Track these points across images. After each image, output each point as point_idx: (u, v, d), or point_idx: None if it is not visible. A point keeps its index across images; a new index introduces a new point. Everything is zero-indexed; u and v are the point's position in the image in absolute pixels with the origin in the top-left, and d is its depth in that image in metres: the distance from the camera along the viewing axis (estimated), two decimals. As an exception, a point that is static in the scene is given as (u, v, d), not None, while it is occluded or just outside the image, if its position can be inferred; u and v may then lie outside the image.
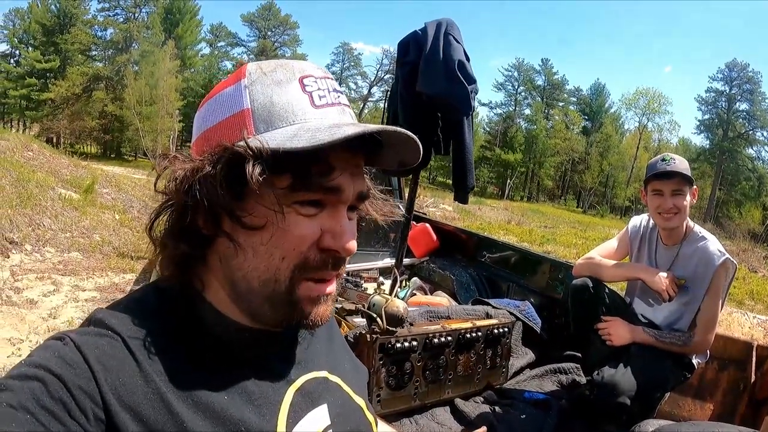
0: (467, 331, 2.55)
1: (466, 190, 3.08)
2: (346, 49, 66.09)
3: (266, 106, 0.68)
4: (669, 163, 2.38)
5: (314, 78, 0.71)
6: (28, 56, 46.40)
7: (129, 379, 0.62)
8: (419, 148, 0.73)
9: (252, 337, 0.74)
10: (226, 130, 0.69)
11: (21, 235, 6.88)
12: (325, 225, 0.69)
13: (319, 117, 0.69)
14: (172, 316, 0.71)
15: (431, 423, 2.40)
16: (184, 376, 0.67)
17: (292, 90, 0.69)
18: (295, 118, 0.67)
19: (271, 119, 0.67)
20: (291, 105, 0.68)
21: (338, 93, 0.73)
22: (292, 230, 0.67)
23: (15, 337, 4.32)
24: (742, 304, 8.67)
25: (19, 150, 11.37)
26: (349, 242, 0.71)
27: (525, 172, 61.65)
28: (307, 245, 0.68)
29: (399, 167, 0.79)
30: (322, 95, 0.70)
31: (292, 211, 0.67)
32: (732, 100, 56.44)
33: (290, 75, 0.71)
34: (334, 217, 0.70)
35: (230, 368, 0.72)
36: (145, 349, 0.66)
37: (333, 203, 0.70)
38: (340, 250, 0.70)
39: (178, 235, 0.70)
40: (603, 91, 64.13)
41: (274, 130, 0.66)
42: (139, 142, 40.97)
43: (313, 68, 0.73)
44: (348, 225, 0.71)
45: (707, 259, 2.37)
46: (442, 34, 2.73)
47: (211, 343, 0.71)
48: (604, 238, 15.10)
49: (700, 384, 2.84)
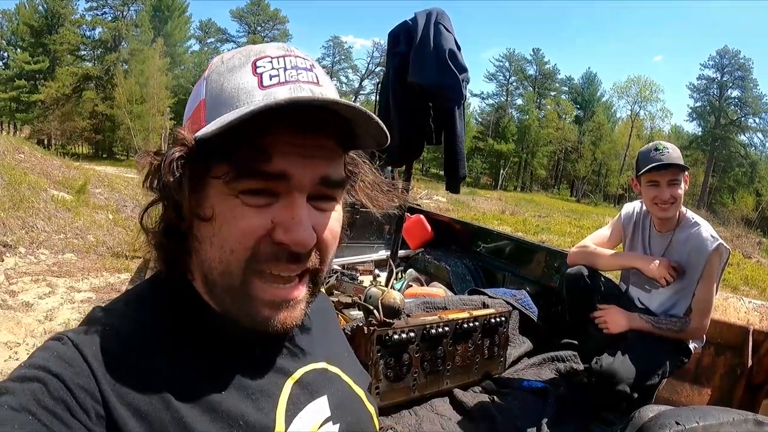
0: (464, 321, 2.54)
1: (458, 179, 3.08)
2: (337, 43, 66.16)
3: (216, 95, 0.68)
4: (663, 153, 2.37)
5: (270, 58, 0.68)
6: (17, 58, 45.95)
7: (128, 376, 0.62)
8: (371, 117, 0.66)
9: (244, 330, 0.73)
10: (191, 123, 0.69)
11: (14, 238, 6.85)
12: (276, 216, 0.65)
13: (264, 97, 0.64)
14: (168, 311, 0.71)
15: (430, 414, 2.40)
16: (182, 371, 0.67)
17: (243, 74, 0.67)
18: (238, 103, 0.65)
19: (219, 107, 0.66)
20: (237, 90, 0.66)
21: (299, 70, 0.68)
22: (237, 222, 0.65)
23: (12, 341, 4.30)
24: (737, 290, 8.73)
25: (10, 152, 11.31)
26: (302, 234, 0.65)
27: (518, 162, 61.61)
28: (254, 239, 0.65)
29: (377, 146, 0.75)
30: (273, 75, 0.66)
31: (238, 201, 0.64)
32: (723, 87, 56.44)
33: (245, 59, 0.69)
34: (287, 207, 0.66)
35: (227, 362, 0.72)
36: (143, 345, 0.66)
37: (285, 191, 0.66)
38: (290, 244, 0.65)
39: (162, 229, 0.71)
40: (594, 80, 64.16)
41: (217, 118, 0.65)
42: (130, 141, 40.80)
43: (273, 48, 0.70)
44: (303, 215, 0.66)
45: (700, 245, 2.38)
46: (432, 23, 2.72)
47: (207, 338, 0.71)
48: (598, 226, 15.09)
49: (697, 369, 2.85)
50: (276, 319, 0.69)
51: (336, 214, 0.73)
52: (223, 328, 0.72)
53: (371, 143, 0.74)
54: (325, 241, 0.71)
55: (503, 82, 64.70)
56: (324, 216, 0.71)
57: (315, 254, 0.70)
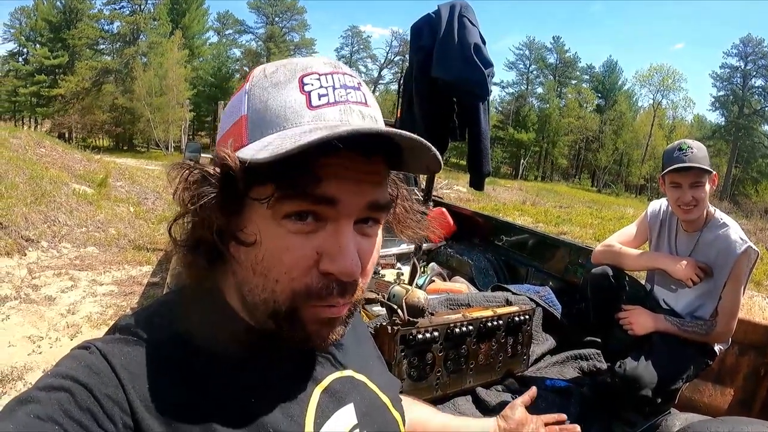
0: (488, 319, 2.52)
1: (482, 176, 3.02)
2: (355, 33, 66.06)
3: (260, 112, 0.64)
4: (686, 153, 2.30)
5: (317, 75, 0.65)
6: (36, 53, 46.60)
7: (156, 386, 0.62)
8: (429, 149, 0.63)
9: (271, 339, 0.71)
10: (232, 140, 0.65)
11: (37, 232, 6.94)
12: (322, 245, 0.62)
13: (314, 119, 0.62)
14: (197, 321, 0.69)
15: (453, 413, 2.38)
16: (211, 382, 0.66)
17: (290, 91, 0.64)
18: (286, 123, 0.62)
19: (264, 125, 0.63)
20: (284, 108, 0.63)
21: (348, 89, 0.65)
22: (282, 250, 0.62)
23: (35, 334, 4.36)
24: (761, 285, 8.55)
25: (31, 147, 11.46)
26: (349, 264, 0.62)
27: (539, 151, 61.25)
28: (301, 270, 0.63)
29: (426, 173, 0.72)
30: (322, 93, 0.63)
31: (282, 229, 0.62)
32: (747, 76, 55.41)
33: (290, 75, 0.65)
34: (333, 234, 0.63)
35: (255, 371, 0.71)
36: (171, 355, 0.66)
37: (333, 217, 0.63)
38: (338, 275, 0.63)
39: (193, 246, 0.69)
40: (616, 69, 63.28)
41: (263, 138, 0.62)
42: (150, 134, 41.40)
43: (320, 63, 0.67)
44: (350, 243, 0.63)
45: (728, 247, 2.31)
46: (456, 16, 2.67)
47: (236, 348, 0.70)
48: (620, 217, 15.04)
49: (720, 369, 2.80)
50: (320, 336, 0.68)
51: (377, 240, 0.71)
52: (252, 338, 0.71)
53: (421, 170, 0.72)
54: (366, 269, 0.69)
55: (523, 70, 64.29)
56: (368, 242, 0.68)
57: (359, 283, 0.68)
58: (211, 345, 0.68)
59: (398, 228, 0.81)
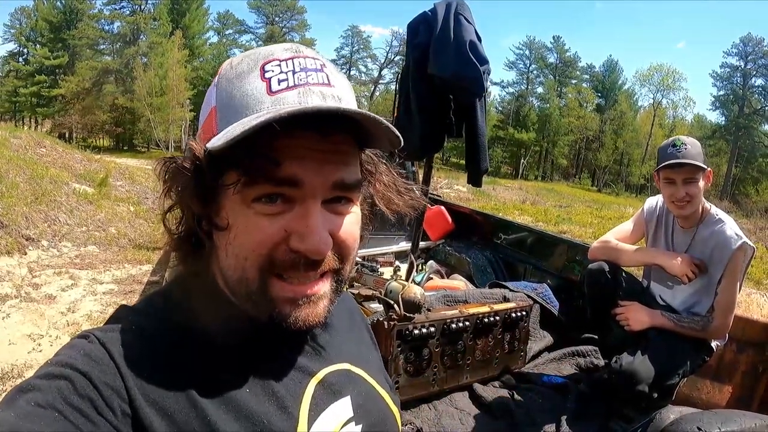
0: (485, 315, 2.54)
1: (479, 173, 3.04)
2: (355, 32, 65.87)
3: (226, 102, 0.67)
4: (680, 149, 2.32)
5: (278, 61, 0.66)
6: (37, 54, 46.66)
7: (153, 374, 0.63)
8: (384, 124, 0.64)
9: (268, 330, 0.72)
10: (204, 131, 0.68)
11: (37, 231, 6.95)
12: (290, 225, 0.64)
13: (273, 104, 0.63)
14: (191, 309, 0.71)
15: (450, 408, 2.40)
16: (207, 370, 0.67)
17: (251, 79, 0.66)
18: (248, 110, 0.64)
19: (230, 115, 0.65)
20: (246, 97, 0.65)
21: (308, 72, 0.66)
22: (250, 231, 0.64)
23: (35, 332, 4.37)
24: (760, 284, 8.55)
25: (32, 147, 11.47)
26: (317, 243, 0.64)
27: (539, 151, 61.18)
28: (268, 247, 0.64)
29: (391, 147, 0.73)
30: (282, 78, 0.65)
31: (251, 211, 0.64)
32: (747, 76, 55.35)
33: (253, 64, 0.67)
34: (301, 214, 0.64)
35: (251, 362, 0.72)
36: (168, 344, 0.67)
37: (299, 198, 0.64)
38: (307, 252, 0.64)
39: (182, 234, 0.71)
40: (616, 68, 63.17)
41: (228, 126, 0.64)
42: (151, 134, 41.33)
43: (281, 50, 0.68)
44: (317, 222, 0.64)
45: (724, 243, 2.32)
46: (452, 14, 2.68)
47: (231, 337, 0.71)
48: (620, 216, 15.01)
49: (718, 366, 2.81)
50: (297, 317, 0.68)
51: (353, 216, 0.72)
52: (248, 328, 0.72)
53: (385, 145, 0.72)
54: (344, 243, 0.70)
55: (523, 70, 64.13)
56: (340, 219, 0.69)
57: (333, 256, 0.69)
58: (205, 333, 0.69)
59: (383, 204, 0.81)
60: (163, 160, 0.68)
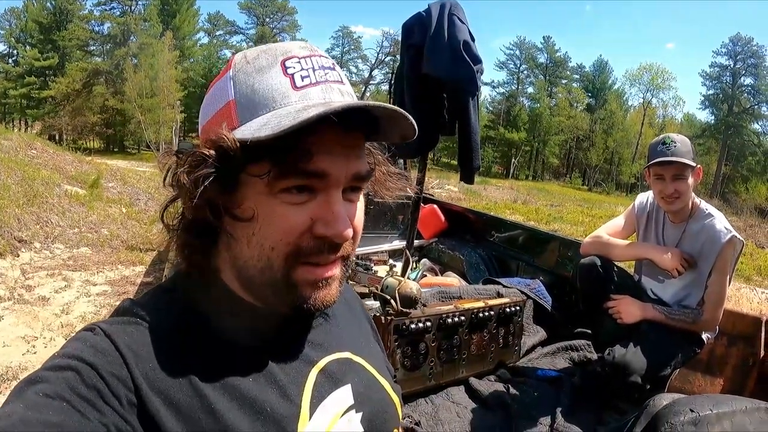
0: (480, 310, 2.56)
1: (472, 170, 3.07)
2: (346, 33, 65.78)
3: (248, 95, 0.68)
4: (669, 147, 2.36)
5: (297, 58, 0.70)
6: (27, 55, 46.29)
7: (158, 365, 0.65)
8: (407, 117, 0.70)
9: (271, 320, 0.76)
10: (217, 123, 0.69)
11: (29, 233, 6.90)
12: (315, 213, 0.68)
13: (301, 99, 0.67)
14: (195, 302, 0.73)
15: (446, 402, 2.42)
16: (211, 361, 0.69)
17: (274, 74, 0.69)
18: (275, 104, 0.67)
19: (254, 108, 0.67)
20: (271, 91, 0.67)
21: (325, 70, 0.71)
22: (278, 220, 0.66)
23: (29, 334, 4.35)
24: (750, 280, 8.63)
25: (22, 149, 11.39)
26: (343, 228, 0.68)
27: (530, 150, 61.32)
28: (296, 235, 0.67)
29: (401, 140, 0.77)
30: (305, 75, 0.69)
31: (278, 201, 0.66)
32: (737, 75, 55.70)
33: (272, 59, 0.70)
34: (325, 203, 0.68)
35: (254, 351, 0.74)
36: (172, 335, 0.69)
37: (323, 188, 0.68)
38: (333, 237, 0.68)
39: (188, 226, 0.72)
40: (606, 68, 63.44)
41: (254, 119, 0.66)
42: (141, 135, 41.02)
43: (298, 48, 0.72)
44: (341, 210, 0.69)
45: (714, 237, 2.37)
46: (446, 14, 2.71)
47: (234, 327, 0.73)
48: (610, 215, 15.07)
49: (709, 359, 2.84)
50: (316, 298, 0.72)
51: (361, 204, 0.77)
52: (253, 319, 0.75)
53: (396, 137, 0.77)
54: (357, 229, 0.74)
55: (514, 70, 64.29)
56: (353, 206, 0.73)
57: (349, 241, 0.73)
58: (209, 324, 0.72)
59: (380, 190, 0.85)
60: (170, 150, 0.70)
